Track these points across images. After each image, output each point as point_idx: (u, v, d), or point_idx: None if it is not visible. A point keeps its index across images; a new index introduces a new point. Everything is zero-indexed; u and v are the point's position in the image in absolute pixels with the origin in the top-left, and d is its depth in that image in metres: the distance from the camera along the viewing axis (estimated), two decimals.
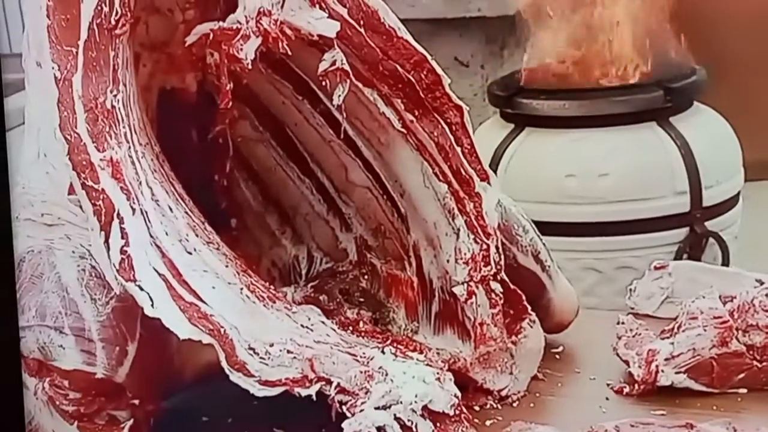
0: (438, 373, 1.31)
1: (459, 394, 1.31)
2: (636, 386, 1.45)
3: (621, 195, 2.60)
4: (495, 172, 2.55)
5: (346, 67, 1.35)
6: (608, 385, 1.48)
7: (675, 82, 2.69)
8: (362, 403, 1.25)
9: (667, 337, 1.49)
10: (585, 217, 2.59)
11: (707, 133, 2.73)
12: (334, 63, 1.34)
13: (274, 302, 1.30)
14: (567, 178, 2.59)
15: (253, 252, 1.53)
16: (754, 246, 3.06)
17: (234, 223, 1.54)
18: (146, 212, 1.20)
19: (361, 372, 1.27)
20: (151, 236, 1.20)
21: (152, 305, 1.17)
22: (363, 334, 1.42)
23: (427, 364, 1.34)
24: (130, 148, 1.22)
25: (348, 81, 1.35)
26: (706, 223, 2.67)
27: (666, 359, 1.45)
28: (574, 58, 2.64)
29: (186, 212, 1.27)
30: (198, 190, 1.38)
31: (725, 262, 2.68)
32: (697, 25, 2.91)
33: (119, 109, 1.21)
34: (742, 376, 1.45)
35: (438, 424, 1.27)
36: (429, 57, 1.40)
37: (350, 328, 1.43)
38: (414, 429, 1.25)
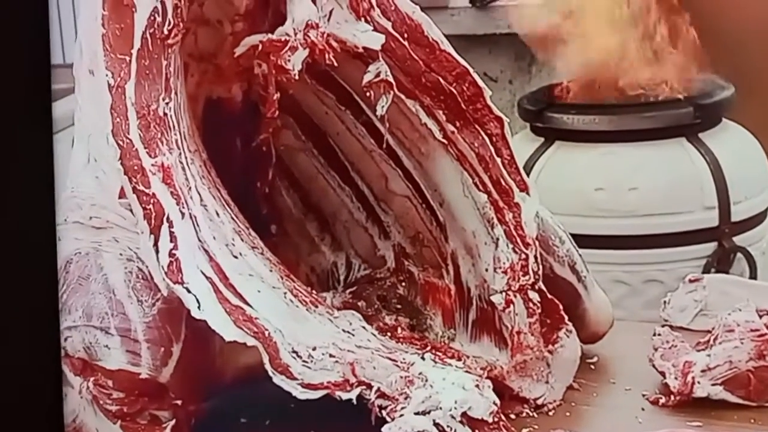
0: (477, 381, 1.31)
1: (498, 401, 1.31)
2: (672, 397, 1.45)
3: (649, 209, 2.59)
4: None
5: (390, 78, 1.36)
6: (644, 395, 1.48)
7: (704, 99, 2.68)
8: (402, 408, 1.25)
9: (703, 349, 1.49)
10: (614, 230, 2.58)
11: (736, 149, 2.72)
12: (378, 74, 1.36)
13: (317, 307, 1.31)
14: (596, 192, 2.58)
15: (291, 258, 1.53)
16: None
17: (274, 230, 1.55)
18: (195, 216, 1.21)
19: (402, 377, 1.28)
20: (199, 240, 1.21)
21: (199, 307, 1.18)
22: (401, 340, 1.42)
23: (466, 371, 1.35)
24: (180, 154, 1.23)
25: (391, 92, 1.37)
26: (734, 238, 2.65)
27: (702, 371, 1.44)
28: (601, 75, 2.63)
29: (232, 218, 1.28)
30: (240, 197, 1.39)
31: (753, 277, 2.66)
32: (723, 41, 2.90)
33: (170, 116, 1.23)
34: None
35: (476, 431, 1.27)
36: (471, 70, 1.42)
37: (389, 333, 1.43)
38: None
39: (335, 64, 1.34)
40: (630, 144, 2.61)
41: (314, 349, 1.24)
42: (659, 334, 1.55)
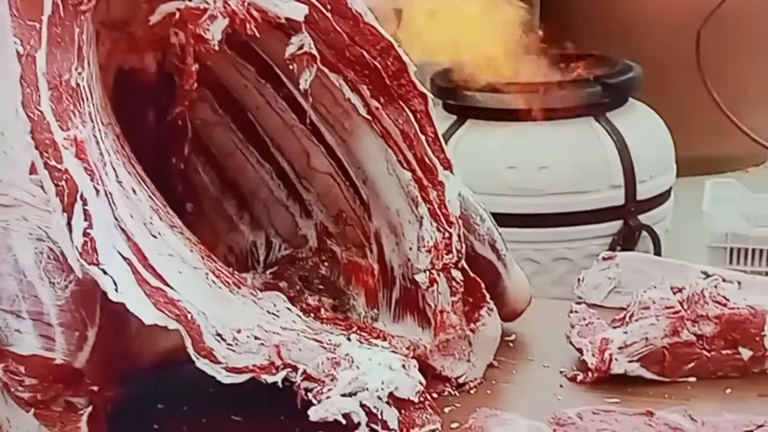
0: (404, 361, 1.30)
1: (424, 381, 1.30)
2: (589, 374, 1.45)
3: (559, 188, 2.63)
4: None
5: (314, 51, 1.32)
6: (562, 372, 1.48)
7: (612, 79, 2.73)
8: (328, 390, 1.23)
9: (619, 326, 1.49)
10: (524, 209, 2.62)
11: (642, 129, 2.79)
12: (301, 47, 1.32)
13: (240, 288, 1.27)
14: (508, 170, 2.63)
15: (208, 237, 1.48)
16: (683, 240, 3.09)
17: (190, 208, 1.50)
18: (110, 194, 1.15)
19: (328, 359, 1.25)
20: (116, 219, 1.14)
21: (116, 289, 1.12)
22: (326, 321, 1.40)
23: (393, 351, 1.33)
24: (94, 127, 1.16)
25: (315, 66, 1.33)
26: (640, 217, 2.71)
27: (619, 348, 1.45)
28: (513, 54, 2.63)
29: (149, 195, 1.22)
30: (154, 174, 1.33)
31: (657, 254, 2.70)
32: (630, 23, 2.94)
33: (83, 87, 1.16)
34: (692, 365, 1.46)
35: (403, 411, 1.26)
36: (395, 44, 1.38)
37: (312, 315, 1.41)
38: (379, 416, 1.24)
39: (256, 34, 1.29)
40: (541, 123, 2.65)
41: (239, 331, 1.20)
42: (576, 312, 1.56)
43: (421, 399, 1.29)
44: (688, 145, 3.24)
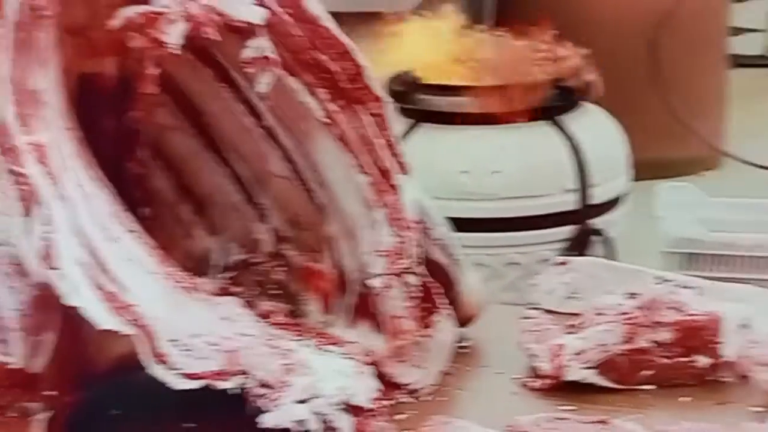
0: (358, 367, 1.31)
1: (378, 387, 1.31)
2: (543, 381, 1.46)
3: (512, 192, 2.64)
4: None
5: (273, 55, 1.34)
6: (515, 379, 1.49)
7: (565, 81, 2.74)
8: (283, 397, 1.24)
9: (574, 332, 1.50)
10: (477, 213, 2.63)
11: (595, 132, 2.80)
12: (260, 51, 1.33)
13: (196, 293, 1.28)
14: (461, 175, 2.63)
15: (165, 242, 1.47)
16: (637, 245, 3.07)
17: (147, 213, 1.50)
18: (71, 198, 1.17)
19: (282, 365, 1.26)
20: (76, 223, 1.16)
21: (73, 294, 1.14)
22: (280, 326, 1.40)
23: (347, 358, 1.34)
24: (56, 132, 1.18)
25: (273, 70, 1.34)
26: (593, 221, 2.73)
27: (574, 354, 1.45)
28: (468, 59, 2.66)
29: (108, 200, 1.24)
30: (113, 178, 1.35)
31: (611, 260, 2.66)
32: (584, 26, 2.96)
33: (47, 92, 1.18)
34: (648, 372, 1.46)
35: (357, 418, 1.27)
36: (352, 47, 1.40)
37: (267, 320, 1.41)
38: (333, 424, 1.25)
39: (216, 38, 1.30)
40: (493, 127, 2.66)
41: (194, 337, 1.22)
42: (530, 317, 1.56)
43: (376, 406, 1.29)
44: (641, 148, 3.24)
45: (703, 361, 1.46)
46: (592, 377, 1.45)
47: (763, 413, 1.38)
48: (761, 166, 4.31)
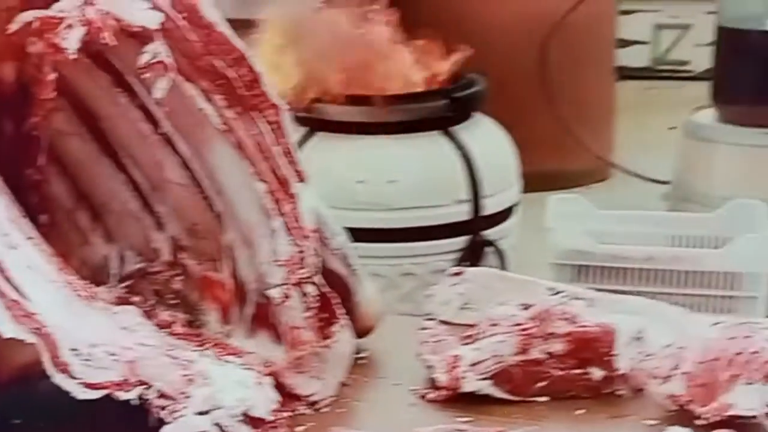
0: (258, 378, 1.32)
1: (278, 399, 1.32)
2: (440, 392, 1.47)
3: (407, 202, 2.64)
4: None
5: (169, 60, 1.34)
6: (413, 390, 1.50)
7: (458, 92, 2.74)
8: (183, 408, 1.24)
9: (469, 343, 1.51)
10: (374, 223, 2.62)
11: (487, 143, 2.80)
12: (156, 56, 1.33)
13: (96, 302, 1.28)
14: (357, 184, 2.63)
15: (62, 250, 1.47)
16: (528, 256, 3.07)
17: (44, 220, 1.49)
18: None
19: (182, 375, 1.27)
20: None
21: None
22: (180, 336, 1.41)
23: (247, 369, 1.34)
24: None
25: (169, 75, 1.34)
26: (485, 232, 2.74)
27: (469, 365, 1.46)
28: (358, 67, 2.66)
29: (6, 206, 1.23)
30: (10, 185, 1.34)
31: (503, 271, 2.63)
32: (474, 36, 2.98)
33: None
34: (542, 384, 1.47)
35: (257, 430, 1.28)
36: (248, 53, 1.41)
37: (166, 330, 1.41)
38: None
39: (113, 43, 1.30)
40: (388, 136, 2.66)
41: (94, 346, 1.21)
42: (426, 328, 1.57)
43: (276, 418, 1.31)
44: (532, 160, 3.25)
45: (597, 373, 1.47)
46: (488, 388, 1.46)
47: (658, 426, 1.40)
48: (649, 179, 4.38)
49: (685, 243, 3.17)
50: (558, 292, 1.61)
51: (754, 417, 1.36)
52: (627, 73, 6.14)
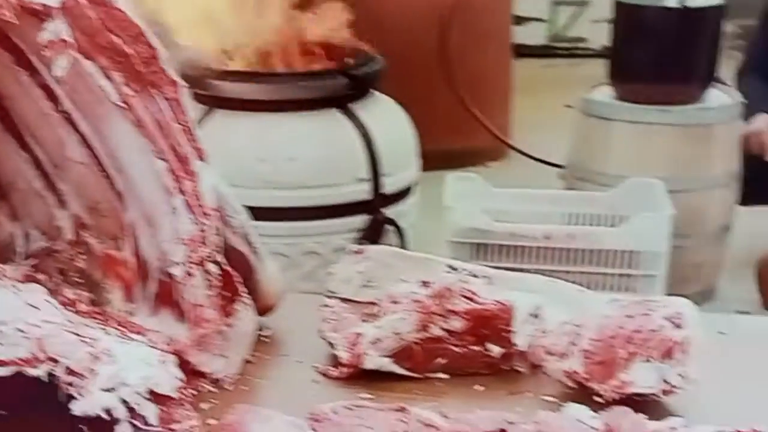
0: (161, 356, 1.31)
1: (182, 377, 1.31)
2: (342, 369, 1.49)
3: (308, 181, 2.68)
4: None
5: (69, 38, 1.34)
6: (315, 368, 1.52)
7: (356, 70, 2.79)
8: (90, 385, 1.24)
9: (370, 321, 1.53)
10: (276, 202, 2.65)
11: (386, 121, 2.85)
12: (56, 33, 1.33)
13: (2, 280, 1.29)
14: (259, 163, 2.65)
15: None
16: (428, 234, 3.14)
17: None
18: None
19: (88, 353, 1.26)
20: None
21: None
22: (84, 314, 1.40)
23: (151, 346, 1.34)
24: None
25: (70, 53, 1.34)
26: (385, 211, 2.79)
27: (370, 343, 1.48)
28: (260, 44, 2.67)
29: None
30: None
31: (403, 249, 2.70)
32: (373, 15, 3.00)
33: None
34: (442, 361, 1.50)
35: (162, 407, 1.27)
36: (146, 30, 1.41)
37: (71, 308, 1.41)
38: (139, 412, 1.25)
39: (13, 21, 1.30)
40: (289, 114, 2.70)
41: (3, 323, 1.22)
42: (328, 306, 1.59)
43: (180, 395, 1.30)
44: (431, 138, 3.30)
45: (495, 350, 1.50)
46: (389, 365, 1.48)
47: (556, 403, 1.42)
48: (542, 161, 4.45)
49: (582, 221, 3.29)
50: (456, 270, 1.64)
51: (652, 394, 1.39)
52: (524, 51, 6.21)
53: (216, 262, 1.46)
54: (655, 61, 3.65)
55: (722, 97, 3.76)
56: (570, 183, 3.74)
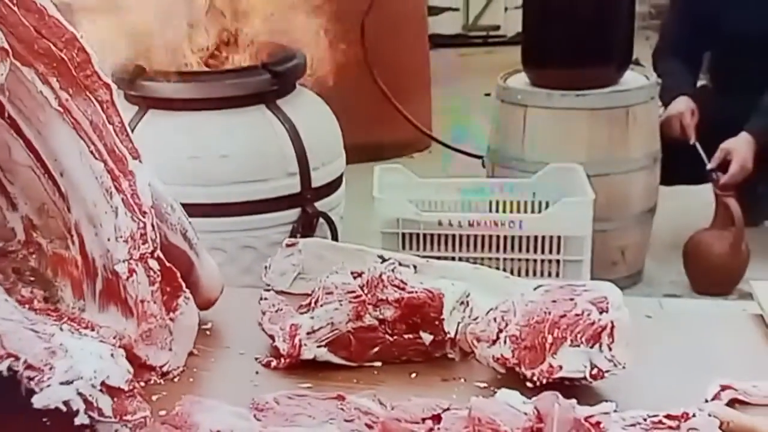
0: (112, 350, 1.35)
1: (132, 369, 1.35)
2: (282, 360, 1.52)
3: (240, 176, 2.70)
4: None
5: (6, 45, 1.37)
6: (257, 359, 1.55)
7: (280, 66, 2.80)
8: (48, 379, 1.27)
9: (306, 312, 1.56)
10: (209, 198, 2.67)
11: (311, 116, 2.87)
12: None
13: None
14: (190, 160, 2.67)
15: None
16: (359, 225, 3.19)
17: None
18: None
19: (45, 348, 1.30)
20: None
21: None
22: (39, 311, 1.44)
23: (101, 341, 1.38)
24: None
25: (8, 60, 1.37)
26: (316, 204, 2.80)
27: (307, 333, 1.52)
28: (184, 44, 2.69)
29: None
30: None
31: (335, 241, 2.74)
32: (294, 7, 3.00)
33: None
34: (376, 349, 1.54)
35: (115, 399, 1.31)
36: (78, 35, 1.44)
37: (27, 306, 1.44)
38: (95, 404, 1.29)
39: None
40: (218, 111, 2.72)
41: None
42: (265, 299, 1.63)
43: (131, 387, 1.33)
44: (356, 132, 3.29)
45: (427, 337, 1.53)
46: (326, 355, 1.52)
47: (488, 388, 1.46)
48: (461, 151, 4.49)
49: (505, 208, 3.33)
50: (386, 260, 1.66)
51: (581, 378, 1.42)
52: (440, 41, 6.25)
53: (156, 259, 1.49)
54: (567, 46, 3.63)
55: (639, 79, 3.75)
56: (492, 170, 3.74)
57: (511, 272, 3.05)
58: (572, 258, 3.16)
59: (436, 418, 1.32)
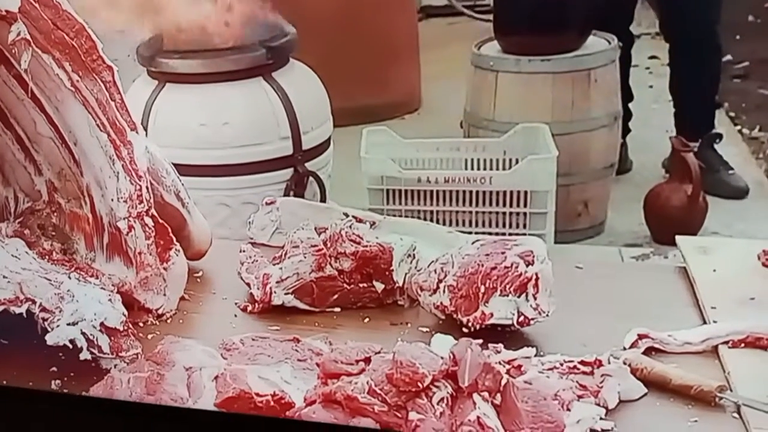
0: (109, 295, 1.45)
1: (126, 312, 1.45)
2: (256, 305, 1.59)
3: (240, 141, 2.76)
4: (147, 122, 2.70)
5: (28, 36, 1.44)
6: (236, 304, 1.62)
7: (274, 42, 2.85)
8: (58, 320, 1.38)
9: (277, 263, 1.62)
10: (216, 160, 2.75)
11: (302, 85, 2.91)
12: (19, 33, 1.43)
13: None
14: (200, 127, 2.74)
15: None
16: (343, 183, 3.23)
17: None
18: None
19: (55, 294, 1.40)
20: None
21: None
22: (56, 262, 1.53)
23: (102, 288, 1.47)
24: None
25: (30, 49, 1.44)
26: (306, 164, 2.86)
27: (277, 282, 1.57)
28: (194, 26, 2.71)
29: None
30: None
31: (323, 198, 2.87)
32: None
33: None
34: (336, 296, 1.59)
35: (112, 338, 1.41)
36: (86, 25, 1.52)
37: (47, 257, 1.53)
38: (95, 341, 1.39)
39: None
40: (222, 84, 2.79)
41: None
42: (244, 251, 1.69)
43: (125, 327, 1.43)
44: (348, 96, 3.34)
45: (379, 286, 1.58)
46: (293, 301, 1.58)
47: (429, 333, 1.49)
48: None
49: (478, 166, 3.33)
50: (347, 217, 1.70)
51: (509, 325, 1.45)
52: (431, 12, 6.20)
53: (151, 216, 1.56)
54: (530, 14, 3.57)
55: (600, 43, 3.67)
56: (468, 131, 3.71)
57: (483, 224, 3.15)
58: (538, 210, 3.15)
59: (367, 360, 1.34)
